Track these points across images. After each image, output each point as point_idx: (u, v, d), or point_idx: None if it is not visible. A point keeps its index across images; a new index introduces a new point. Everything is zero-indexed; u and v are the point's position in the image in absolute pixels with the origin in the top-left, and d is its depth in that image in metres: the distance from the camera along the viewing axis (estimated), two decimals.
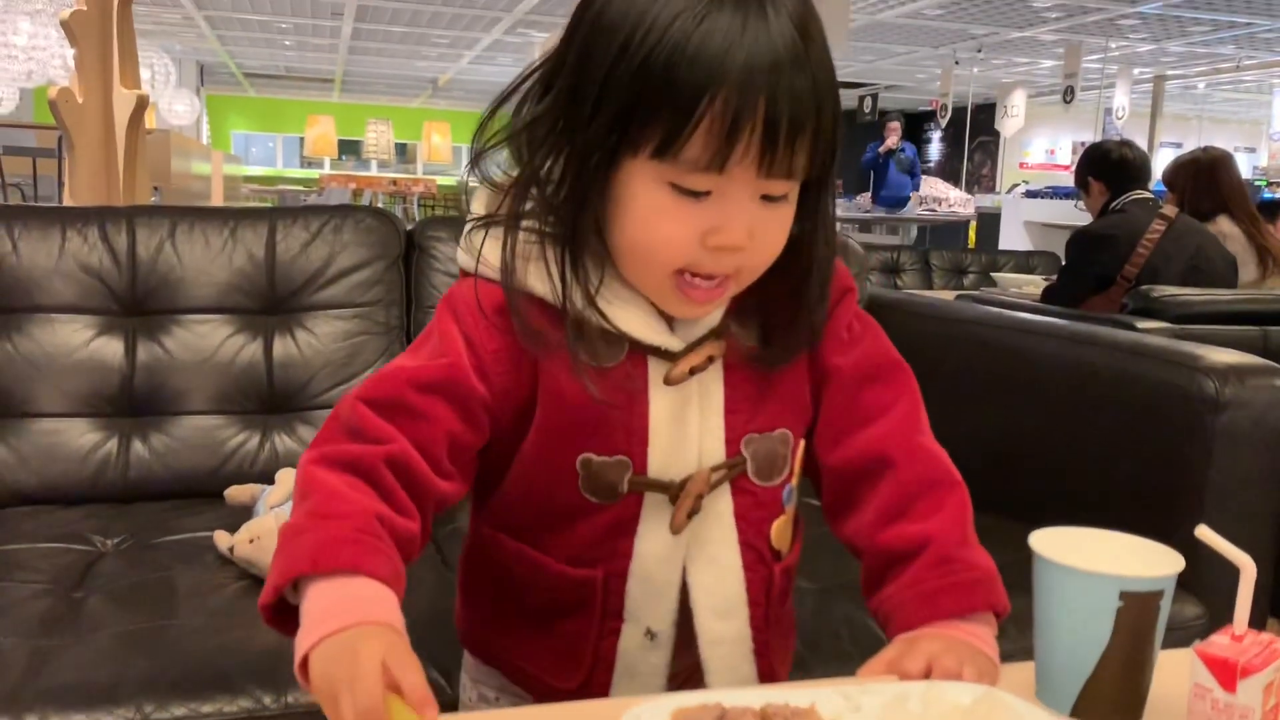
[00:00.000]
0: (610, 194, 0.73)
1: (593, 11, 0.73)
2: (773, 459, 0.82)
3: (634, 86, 0.69)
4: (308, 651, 0.63)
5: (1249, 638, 0.62)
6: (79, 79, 3.13)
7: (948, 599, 0.74)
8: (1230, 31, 10.44)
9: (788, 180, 0.72)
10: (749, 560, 0.82)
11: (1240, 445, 1.31)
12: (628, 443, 0.77)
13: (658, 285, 0.75)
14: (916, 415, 0.84)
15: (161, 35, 13.10)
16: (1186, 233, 3.20)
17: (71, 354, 1.61)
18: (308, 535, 0.67)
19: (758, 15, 0.68)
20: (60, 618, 1.17)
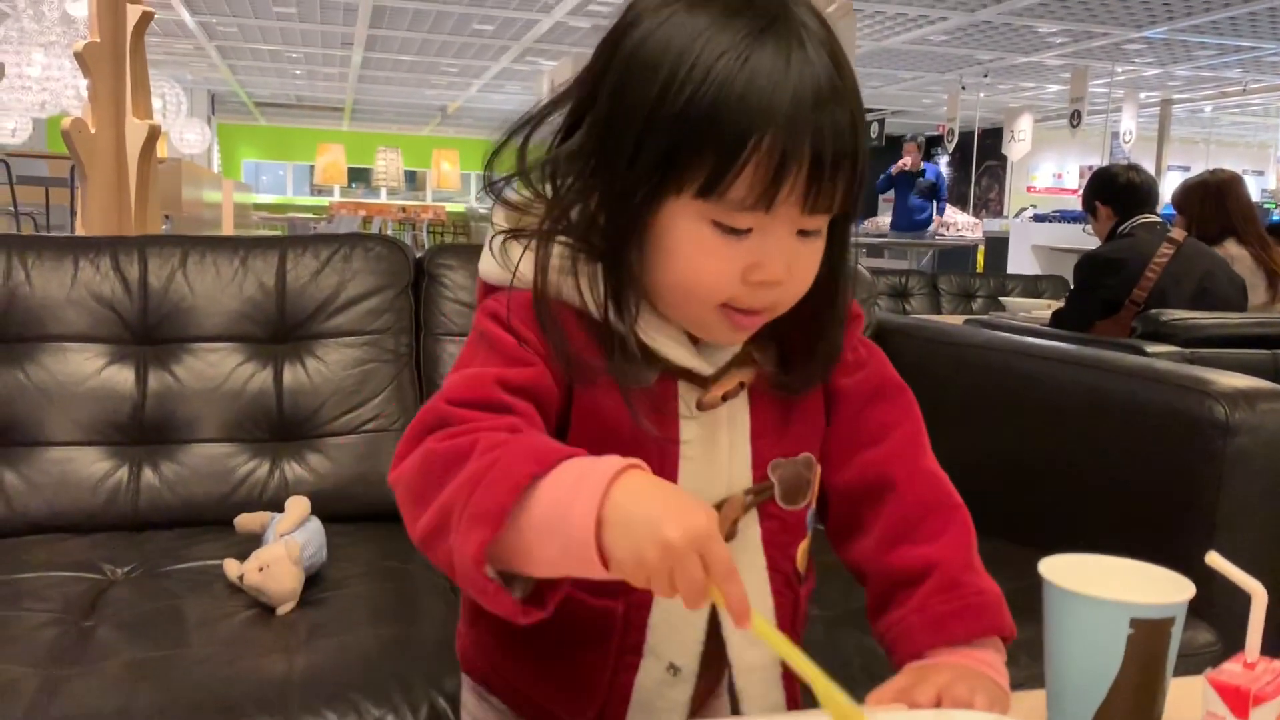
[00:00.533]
0: (650, 233, 0.72)
1: (628, 46, 0.71)
2: (798, 483, 0.82)
3: (678, 127, 0.68)
4: (602, 502, 0.59)
5: (1261, 665, 0.62)
6: (92, 109, 3.16)
7: (956, 624, 0.74)
8: (1236, 55, 10.47)
9: (827, 214, 0.72)
10: (777, 585, 0.82)
11: (1251, 470, 1.30)
12: (660, 465, 0.76)
13: (700, 318, 0.74)
14: (919, 438, 0.84)
15: (173, 65, 13.23)
16: (1195, 256, 3.19)
17: (83, 382, 1.62)
18: (506, 459, 0.63)
19: (799, 50, 0.68)
20: (70, 647, 1.17)
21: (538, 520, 0.62)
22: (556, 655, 0.81)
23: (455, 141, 20.84)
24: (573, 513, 0.60)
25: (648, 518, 0.58)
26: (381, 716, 1.07)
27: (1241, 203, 3.52)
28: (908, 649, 0.76)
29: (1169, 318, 2.81)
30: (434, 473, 0.66)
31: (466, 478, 0.64)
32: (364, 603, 1.32)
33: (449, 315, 1.78)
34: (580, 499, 0.60)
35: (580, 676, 0.80)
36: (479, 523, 0.62)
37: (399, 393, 1.73)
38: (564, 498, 0.61)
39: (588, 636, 0.79)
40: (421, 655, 1.18)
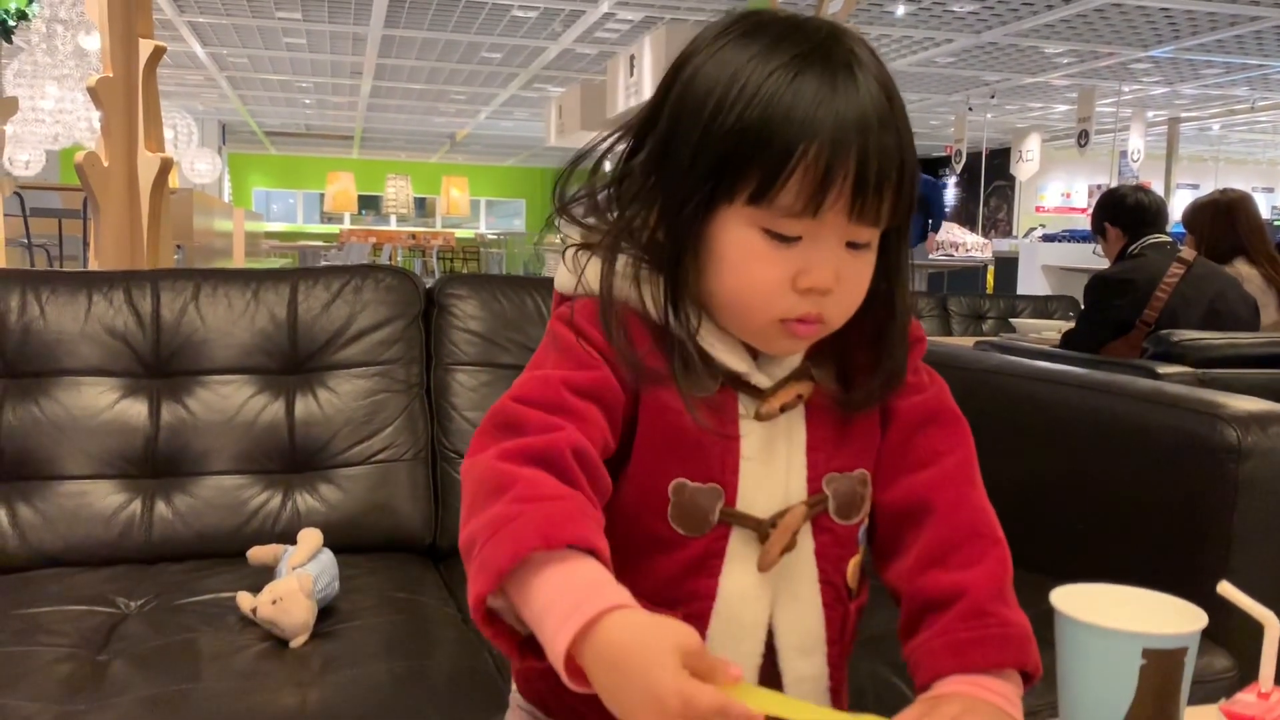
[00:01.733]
0: (705, 242, 0.76)
1: (686, 74, 0.77)
2: (852, 498, 0.83)
3: (730, 138, 0.73)
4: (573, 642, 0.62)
5: (1275, 695, 0.62)
6: (105, 143, 3.19)
7: (976, 652, 0.74)
8: (1243, 74, 10.48)
9: (873, 227, 0.76)
10: (828, 598, 0.83)
11: (1264, 493, 1.30)
12: (721, 471, 0.79)
13: (759, 330, 0.78)
14: (968, 468, 0.85)
15: (184, 96, 13.37)
16: (1205, 276, 3.19)
17: (96, 416, 1.63)
18: (525, 517, 0.66)
19: (846, 77, 0.73)
20: (85, 681, 1.17)
21: (530, 613, 0.66)
22: None
23: (464, 168, 20.96)
24: (546, 634, 0.63)
25: (615, 698, 0.61)
26: None
27: (1251, 221, 3.52)
28: (928, 672, 0.76)
29: (1180, 338, 2.81)
30: (482, 491, 0.71)
31: (492, 518, 0.67)
32: (377, 635, 1.32)
33: (459, 345, 1.79)
34: (558, 627, 0.63)
35: None
36: (483, 572, 0.66)
37: (410, 423, 1.74)
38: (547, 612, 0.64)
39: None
40: (436, 688, 1.19)
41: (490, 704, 1.11)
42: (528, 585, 0.65)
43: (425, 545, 1.72)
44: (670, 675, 0.59)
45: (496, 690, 1.16)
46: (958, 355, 1.90)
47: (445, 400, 1.78)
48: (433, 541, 1.73)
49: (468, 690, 1.18)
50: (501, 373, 1.78)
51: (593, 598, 0.63)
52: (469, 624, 1.40)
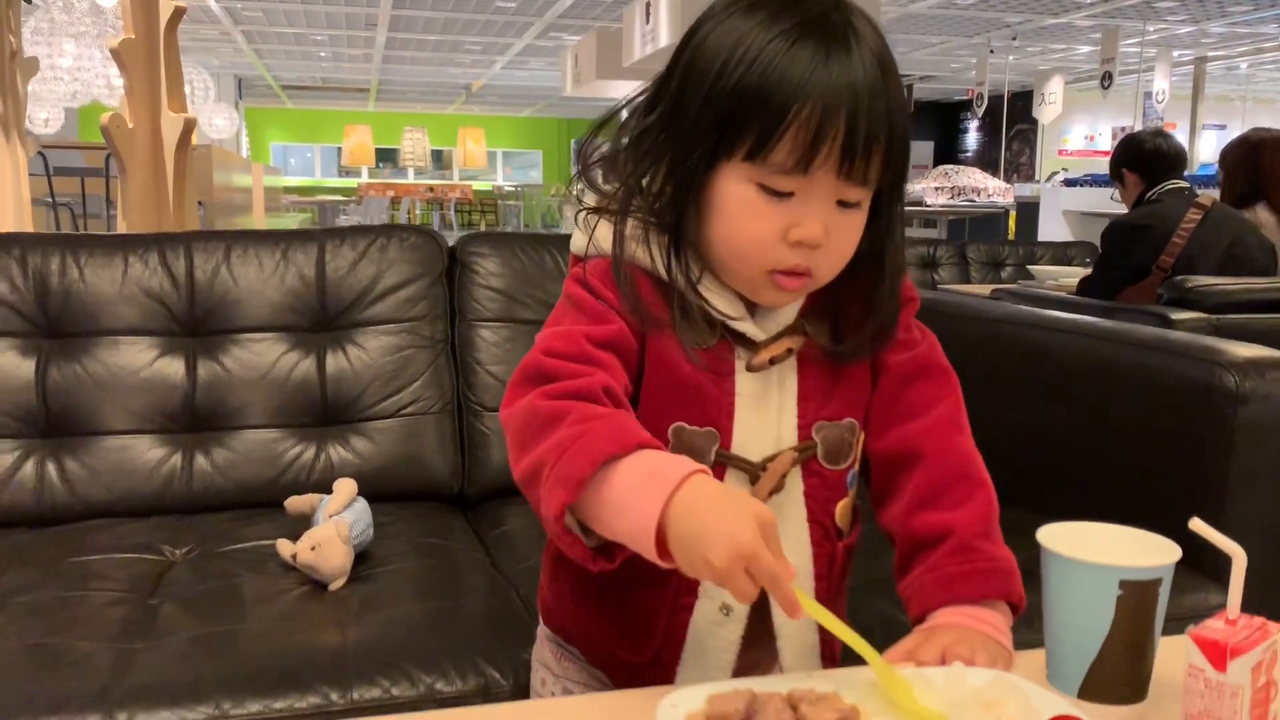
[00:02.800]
0: (706, 195, 0.83)
1: (697, 39, 0.83)
2: (840, 445, 0.90)
3: (732, 98, 0.79)
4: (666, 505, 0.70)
5: (1242, 621, 0.67)
6: (129, 105, 3.24)
7: (963, 585, 0.81)
8: (1272, 10, 10.28)
9: (862, 187, 0.82)
10: (816, 536, 0.90)
11: (1261, 437, 1.34)
12: (717, 416, 0.86)
13: (751, 279, 0.84)
14: (957, 417, 0.91)
15: (200, 51, 13.36)
16: (1223, 222, 3.19)
17: (136, 374, 1.70)
18: (591, 433, 0.74)
19: (841, 47, 0.79)
20: (138, 623, 1.24)
21: (611, 501, 0.73)
22: (623, 600, 0.90)
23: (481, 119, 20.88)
24: (639, 510, 0.71)
25: (698, 537, 0.68)
26: (432, 683, 1.14)
27: (1274, 162, 3.47)
28: (920, 606, 0.83)
29: (1194, 284, 2.83)
30: (534, 426, 0.78)
31: (558, 441, 0.75)
32: (410, 578, 1.39)
33: (481, 302, 1.85)
34: (647, 500, 0.70)
35: (641, 619, 0.89)
36: (561, 485, 0.73)
37: (436, 377, 1.80)
38: (633, 492, 0.72)
39: (649, 579, 0.85)
40: (467, 626, 1.26)
41: (519, 639, 1.18)
42: (604, 485, 0.73)
43: (453, 494, 1.79)
44: (750, 527, 0.67)
45: (524, 626, 1.23)
46: (967, 305, 1.94)
47: (469, 355, 1.84)
48: (460, 490, 1.80)
49: (497, 627, 1.25)
50: (523, 328, 1.83)
51: (679, 465, 0.72)
52: (497, 567, 1.47)
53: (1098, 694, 0.72)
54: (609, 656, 0.93)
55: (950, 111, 18.75)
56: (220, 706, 1.08)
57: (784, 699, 0.67)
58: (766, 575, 0.67)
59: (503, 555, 1.52)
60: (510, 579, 1.42)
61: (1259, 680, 0.65)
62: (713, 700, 0.67)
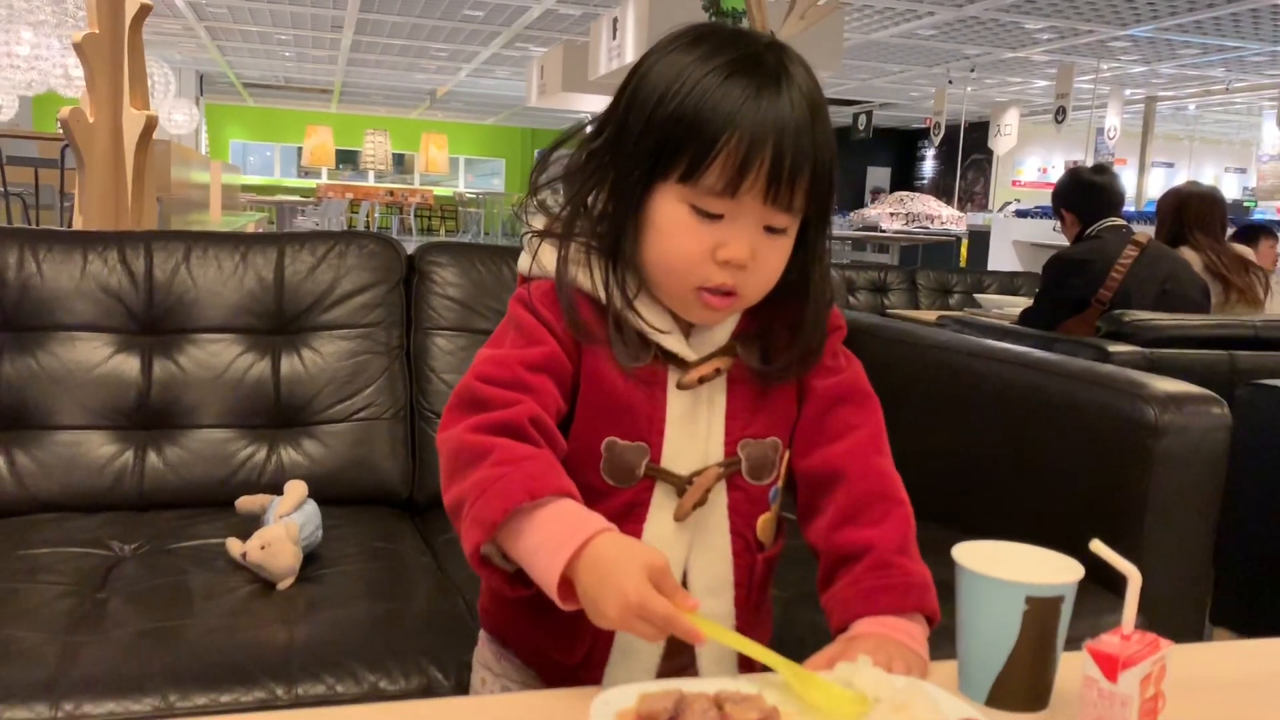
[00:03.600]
0: (644, 214, 0.89)
1: (643, 70, 0.90)
2: (764, 462, 0.95)
3: (669, 124, 0.86)
4: (568, 567, 0.76)
5: (1135, 636, 0.73)
6: (90, 99, 3.23)
7: (883, 598, 0.87)
8: (1220, 55, 10.60)
9: (788, 214, 0.88)
10: (738, 547, 0.95)
11: (1177, 468, 1.41)
12: (648, 431, 0.91)
13: (681, 296, 0.90)
14: (877, 439, 0.97)
15: (162, 45, 13.22)
16: (1159, 259, 3.30)
17: (91, 370, 1.71)
18: (507, 479, 0.80)
19: (772, 85, 0.86)
20: (86, 616, 1.26)
21: (523, 551, 0.80)
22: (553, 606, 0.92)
23: (444, 125, 20.84)
24: (546, 566, 0.78)
25: (594, 595, 0.76)
26: (376, 681, 1.17)
27: (1199, 214, 3.65)
28: (842, 617, 0.88)
29: (1131, 318, 2.92)
30: (460, 460, 0.84)
31: (478, 480, 0.81)
32: (358, 580, 1.42)
33: (438, 310, 1.88)
34: (553, 558, 0.77)
35: (571, 623, 0.91)
36: (476, 525, 0.80)
37: (390, 383, 1.83)
38: (542, 549, 0.78)
39: None
40: (412, 627, 1.29)
41: (462, 641, 1.21)
42: (518, 531, 0.80)
43: (403, 499, 1.82)
44: (635, 581, 0.74)
45: (467, 629, 1.26)
46: (911, 330, 2.00)
47: (424, 363, 1.87)
48: (410, 495, 1.83)
49: (441, 629, 1.28)
50: (478, 338, 1.87)
51: (584, 525, 0.79)
52: (443, 570, 1.50)
53: (1003, 702, 0.78)
54: (542, 658, 0.98)
55: (908, 139, 19.04)
56: (166, 699, 1.10)
57: (710, 699, 0.71)
58: (659, 619, 0.74)
59: (450, 560, 1.55)
60: (456, 584, 1.45)
61: (1148, 691, 0.71)
62: (643, 699, 0.71)
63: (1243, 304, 3.52)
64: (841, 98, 14.47)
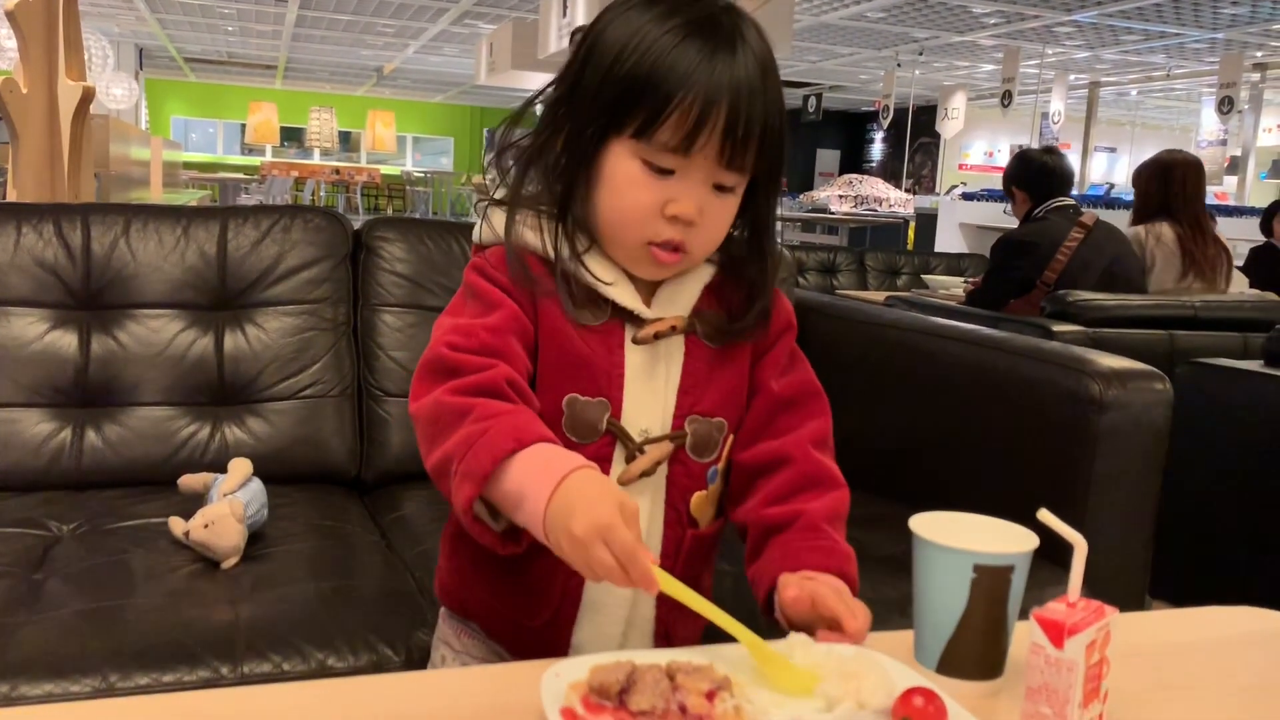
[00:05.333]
0: (597, 168, 0.90)
1: (599, 26, 0.92)
2: (708, 440, 0.96)
3: (625, 81, 0.87)
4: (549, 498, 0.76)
5: (1081, 604, 0.73)
6: (24, 69, 3.14)
7: (808, 558, 0.87)
8: (1161, 41, 10.78)
9: (738, 174, 0.90)
10: (669, 518, 0.96)
11: (1121, 443, 1.43)
12: (608, 386, 0.92)
13: (631, 251, 0.91)
14: (822, 435, 0.98)
15: (99, 17, 12.88)
16: (1104, 241, 3.36)
17: (27, 346, 1.66)
18: (493, 430, 0.80)
19: (726, 47, 0.87)
20: (22, 598, 1.23)
21: (511, 493, 0.79)
22: (522, 567, 0.94)
23: (391, 103, 20.56)
24: (532, 499, 0.77)
25: (564, 511, 0.75)
26: (324, 659, 1.16)
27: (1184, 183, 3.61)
28: (768, 580, 0.88)
29: (1075, 298, 2.98)
30: (442, 421, 0.84)
31: (463, 436, 0.81)
32: (304, 558, 1.40)
33: (386, 286, 1.85)
34: (539, 489, 0.77)
35: (540, 582, 0.94)
36: (467, 480, 0.79)
37: (337, 360, 1.80)
38: (528, 483, 0.78)
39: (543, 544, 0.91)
40: (360, 605, 1.27)
41: (412, 620, 1.21)
42: (505, 476, 0.79)
43: (351, 477, 1.80)
44: (608, 507, 0.74)
45: (418, 607, 1.26)
46: (860, 309, 2.01)
47: (372, 340, 1.84)
48: (358, 474, 1.81)
49: (390, 607, 1.27)
50: (427, 314, 1.85)
51: (569, 459, 0.79)
52: (392, 549, 1.49)
53: (954, 669, 0.78)
54: (508, 625, 0.97)
55: (857, 122, 19.14)
56: (107, 679, 1.07)
57: (662, 669, 0.71)
58: (622, 548, 0.73)
59: (399, 538, 1.53)
60: (405, 561, 1.44)
61: (1093, 657, 0.71)
62: (595, 671, 0.71)
63: (1200, 285, 3.55)
64: (792, 79, 14.50)
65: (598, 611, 0.94)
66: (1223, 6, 9.04)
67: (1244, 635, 0.94)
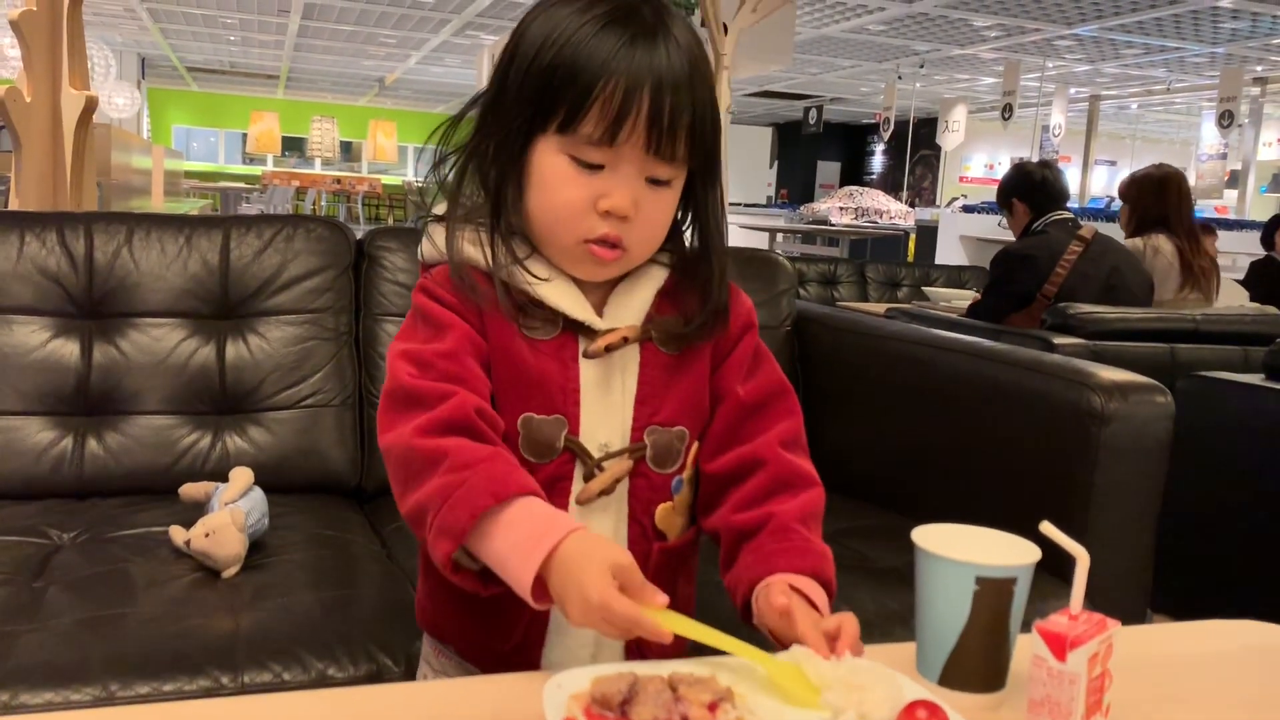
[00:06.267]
0: (525, 169, 0.89)
1: (522, 27, 0.91)
2: (669, 451, 0.95)
3: (545, 75, 0.86)
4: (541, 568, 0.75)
5: (1083, 616, 0.73)
6: (27, 79, 3.14)
7: (781, 560, 0.86)
8: (1161, 55, 10.81)
9: (670, 165, 0.88)
10: (633, 534, 0.95)
11: (1122, 456, 1.43)
12: (563, 403, 0.91)
13: (568, 250, 0.90)
14: (792, 434, 0.97)
15: (102, 26, 12.92)
16: (1104, 253, 3.36)
17: (29, 354, 1.66)
18: (470, 483, 0.79)
19: (646, 35, 0.86)
20: (23, 606, 1.23)
21: (493, 557, 0.79)
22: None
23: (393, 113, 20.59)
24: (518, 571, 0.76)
25: (563, 598, 0.75)
26: (324, 669, 1.16)
27: (1180, 195, 3.66)
28: (746, 587, 0.87)
29: (1075, 311, 2.98)
30: (414, 466, 0.83)
31: (439, 488, 0.80)
32: (305, 568, 1.40)
33: (388, 296, 1.85)
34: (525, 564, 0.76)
35: (507, 606, 0.91)
36: (445, 535, 0.79)
37: (339, 370, 1.80)
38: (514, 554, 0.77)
39: None
40: (361, 615, 1.27)
41: (411, 629, 1.19)
42: (487, 535, 0.78)
43: (351, 487, 1.80)
44: (597, 581, 0.72)
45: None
46: (861, 321, 2.01)
47: (374, 349, 1.84)
48: (359, 483, 1.80)
49: (390, 617, 1.26)
50: None
51: (552, 528, 0.77)
52: (392, 558, 1.48)
53: (956, 681, 0.78)
54: (479, 648, 0.96)
55: (858, 134, 19.18)
56: (107, 688, 1.07)
57: (664, 680, 0.71)
58: (622, 620, 0.72)
59: (399, 548, 1.53)
60: (406, 571, 1.43)
61: (1095, 670, 0.71)
62: (597, 682, 0.71)
63: (1196, 296, 3.58)
64: (792, 92, 14.54)
65: (566, 633, 0.93)
66: (1223, 21, 9.07)
67: (1246, 648, 0.94)
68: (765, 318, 1.86)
